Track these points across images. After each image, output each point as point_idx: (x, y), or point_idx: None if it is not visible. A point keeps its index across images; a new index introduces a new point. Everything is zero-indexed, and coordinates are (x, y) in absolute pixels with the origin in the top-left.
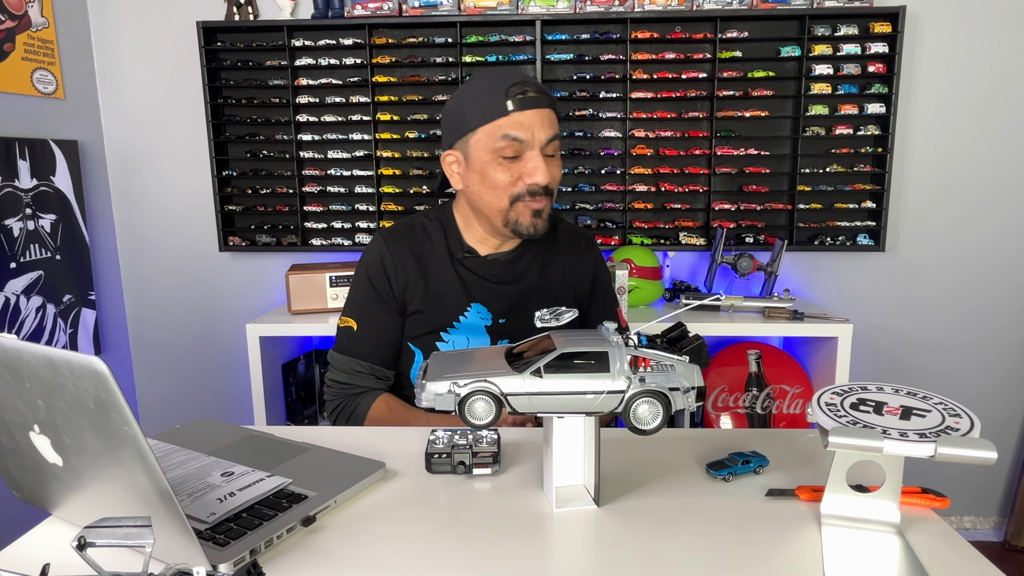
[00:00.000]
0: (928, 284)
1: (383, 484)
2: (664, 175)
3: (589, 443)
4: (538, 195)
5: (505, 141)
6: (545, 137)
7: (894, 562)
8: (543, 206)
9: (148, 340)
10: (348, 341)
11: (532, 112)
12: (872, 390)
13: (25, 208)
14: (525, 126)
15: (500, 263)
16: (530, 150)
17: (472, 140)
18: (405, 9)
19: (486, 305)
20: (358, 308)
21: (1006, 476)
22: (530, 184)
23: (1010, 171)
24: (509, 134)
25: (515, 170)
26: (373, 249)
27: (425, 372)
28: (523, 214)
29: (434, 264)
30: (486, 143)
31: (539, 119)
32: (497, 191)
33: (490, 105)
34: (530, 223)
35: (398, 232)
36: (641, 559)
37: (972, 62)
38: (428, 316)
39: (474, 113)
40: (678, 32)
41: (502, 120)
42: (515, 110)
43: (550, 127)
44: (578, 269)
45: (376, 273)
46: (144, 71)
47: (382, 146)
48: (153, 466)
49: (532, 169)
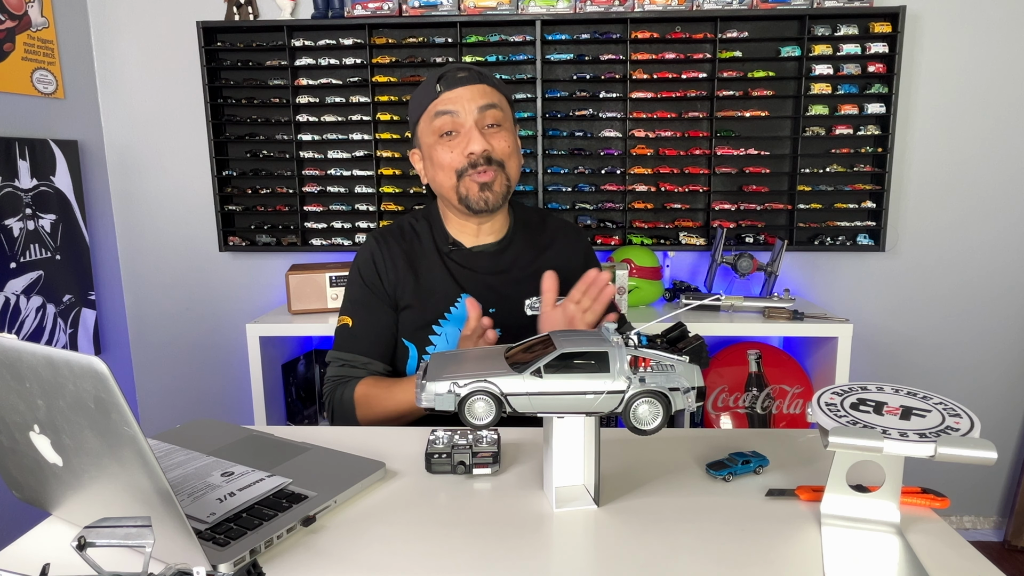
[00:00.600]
0: (928, 284)
1: (383, 484)
2: (664, 175)
3: (589, 443)
4: (480, 166)
5: (440, 119)
6: (476, 107)
7: (894, 562)
8: (490, 178)
9: (148, 340)
10: (345, 339)
11: (461, 89)
12: (872, 390)
13: (25, 208)
14: (454, 100)
15: (487, 254)
16: (465, 123)
17: (419, 130)
18: (405, 9)
19: (476, 296)
20: (352, 305)
21: (1006, 476)
22: (468, 154)
23: (1010, 171)
24: (440, 109)
25: (455, 146)
26: (364, 249)
27: (425, 372)
28: (471, 188)
29: (423, 260)
30: (426, 127)
31: (469, 93)
32: (444, 170)
33: (425, 94)
34: (478, 196)
35: (387, 232)
36: (641, 559)
37: (972, 62)
38: (419, 310)
39: (415, 106)
40: (678, 32)
41: (435, 101)
42: (444, 90)
43: (482, 97)
44: (568, 256)
45: (367, 270)
46: (144, 71)
47: (382, 146)
48: (153, 466)
49: (466, 140)
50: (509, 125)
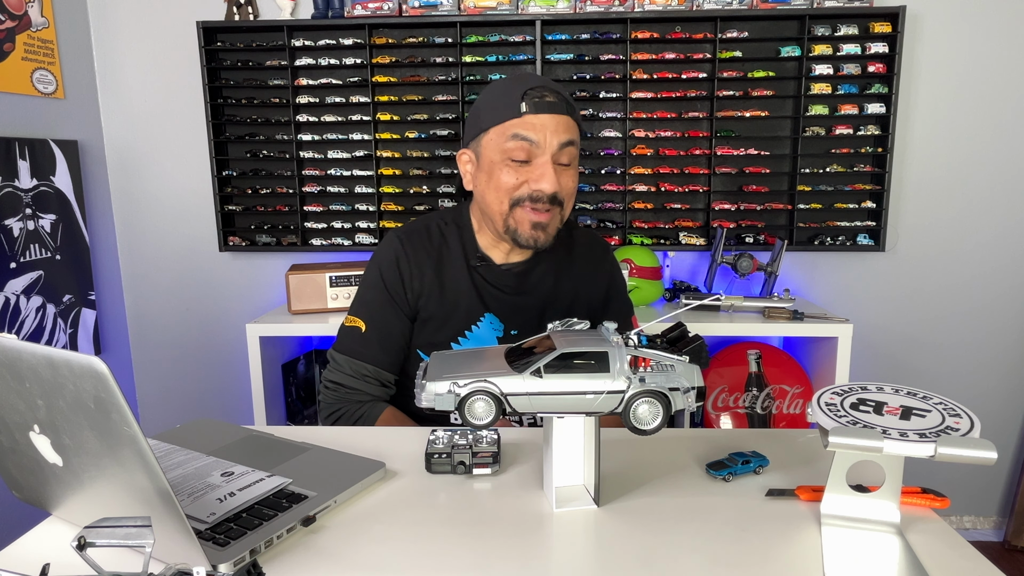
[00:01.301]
0: (928, 284)
1: (383, 484)
2: (664, 175)
3: (589, 443)
4: (541, 202)
5: (515, 142)
6: (558, 142)
7: (894, 562)
8: (547, 219)
9: (148, 340)
10: (354, 342)
11: (547, 116)
12: (872, 390)
13: (25, 208)
14: (537, 128)
15: (514, 273)
16: (541, 155)
17: (484, 140)
18: (405, 9)
19: (499, 316)
20: (368, 309)
21: (1006, 476)
22: (534, 189)
23: (1010, 171)
24: (519, 133)
25: (522, 174)
26: (388, 249)
27: (425, 372)
28: (522, 223)
29: (450, 270)
30: (497, 143)
31: (553, 123)
32: (499, 192)
33: (505, 105)
34: (530, 235)
35: (414, 233)
36: (641, 559)
37: (972, 62)
38: (440, 324)
39: (489, 113)
40: (678, 32)
41: (514, 120)
42: (528, 112)
43: (564, 133)
44: (592, 282)
45: (390, 275)
46: (144, 71)
47: (382, 146)
48: (153, 466)
49: (539, 175)
50: (576, 164)
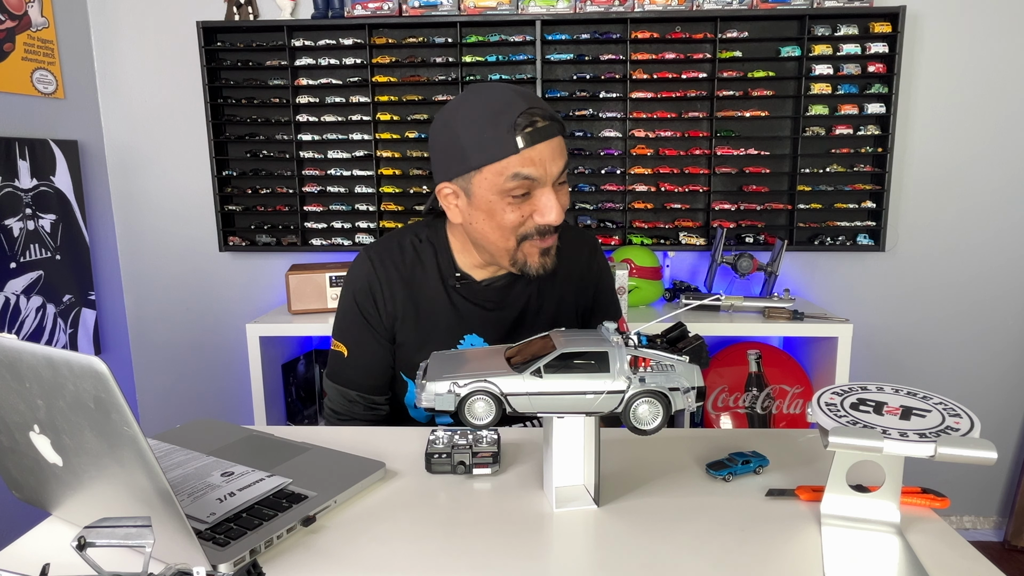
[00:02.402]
0: (928, 284)
1: (383, 484)
2: (664, 175)
3: (589, 443)
4: (548, 234)
5: (516, 181)
6: (557, 170)
7: (894, 562)
8: (552, 243)
9: (148, 340)
10: (339, 368)
11: (543, 146)
12: (872, 390)
13: (25, 208)
14: (537, 163)
15: (495, 288)
16: (542, 187)
17: (476, 179)
18: (405, 9)
19: (481, 335)
20: (347, 335)
21: (1006, 476)
22: (541, 224)
23: (1010, 171)
24: (520, 173)
25: (525, 209)
26: (359, 272)
27: (425, 372)
28: (531, 255)
29: (425, 291)
30: (493, 183)
31: (550, 152)
32: (504, 231)
33: (497, 141)
34: (539, 264)
35: (385, 252)
36: (641, 559)
37: (972, 62)
38: (418, 347)
39: (479, 152)
40: (678, 32)
41: (512, 158)
42: (526, 146)
43: (561, 157)
44: (579, 286)
45: (364, 300)
46: (144, 71)
47: (382, 146)
48: (153, 466)
49: (545, 209)
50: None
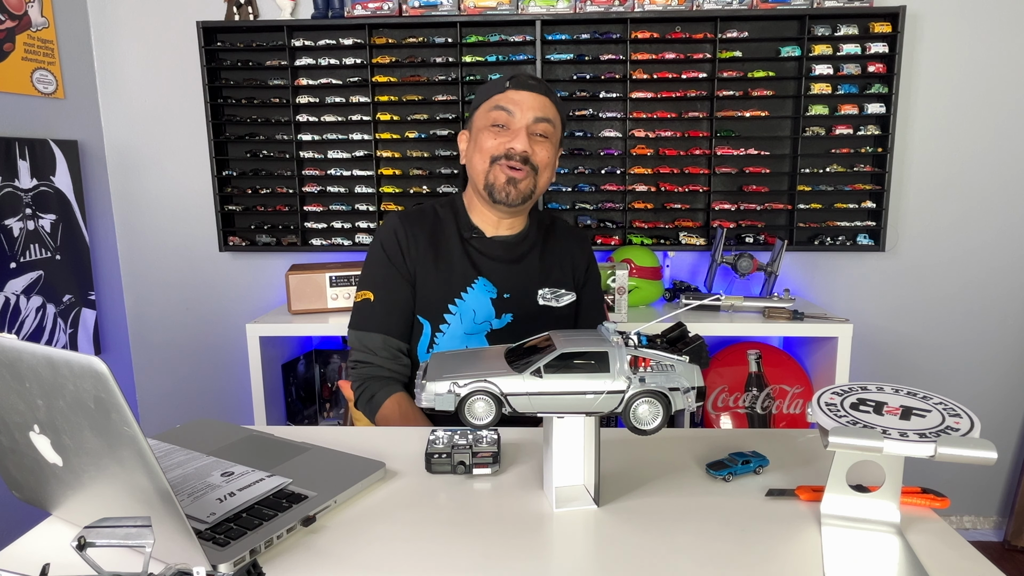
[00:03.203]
0: (928, 284)
1: (383, 484)
2: (664, 175)
3: (589, 443)
4: (514, 160)
5: (496, 111)
6: (532, 116)
7: (894, 562)
8: (519, 176)
9: (148, 340)
10: (363, 315)
11: (525, 93)
12: (872, 390)
13: (25, 208)
14: (515, 101)
15: (504, 244)
16: (517, 124)
17: (475, 116)
18: (405, 9)
19: (491, 280)
20: (373, 279)
21: (1006, 476)
22: (508, 148)
23: (1010, 171)
24: (500, 105)
25: (501, 137)
26: (387, 225)
27: (425, 372)
28: (499, 177)
29: (444, 241)
30: (483, 115)
31: (530, 99)
32: (482, 154)
33: (494, 85)
34: (503, 187)
35: (412, 212)
36: (641, 559)
37: (972, 62)
38: (436, 288)
39: (481, 92)
40: (678, 32)
41: (498, 96)
42: (511, 88)
43: (541, 109)
44: (574, 256)
45: (390, 245)
46: (144, 71)
47: (382, 146)
48: (153, 466)
49: (512, 136)
50: (555, 141)
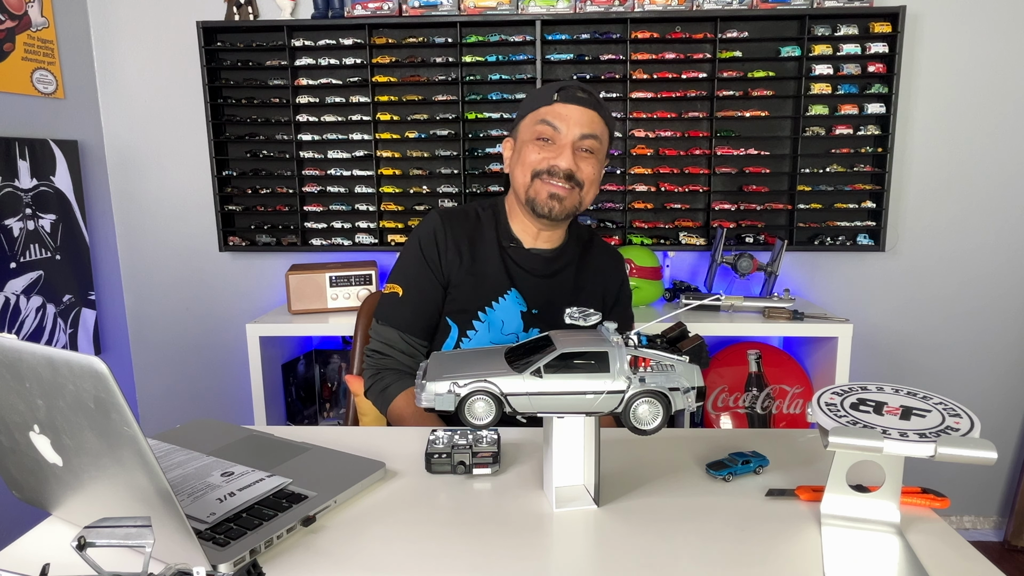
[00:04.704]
0: (928, 284)
1: (383, 484)
2: (664, 175)
3: (589, 443)
4: (558, 177)
5: (542, 125)
6: (579, 132)
7: (894, 562)
8: (562, 192)
9: (148, 340)
10: (390, 307)
11: (573, 107)
12: (872, 390)
13: (25, 208)
14: (562, 116)
15: (541, 258)
16: (563, 139)
17: (521, 125)
18: (405, 9)
19: (523, 293)
20: (405, 274)
21: (1006, 476)
22: (552, 164)
23: (1010, 171)
24: (546, 119)
25: (546, 153)
26: (428, 222)
27: (425, 372)
28: (540, 192)
29: (482, 247)
30: (528, 127)
31: (578, 114)
32: (525, 167)
33: (541, 96)
34: (545, 202)
35: (454, 213)
36: (641, 559)
37: (972, 62)
38: (469, 292)
39: (528, 104)
40: (678, 32)
41: (545, 107)
42: (558, 101)
43: (587, 126)
44: (608, 277)
45: (428, 243)
46: (144, 71)
47: (382, 146)
48: (153, 466)
49: (557, 154)
50: (601, 157)
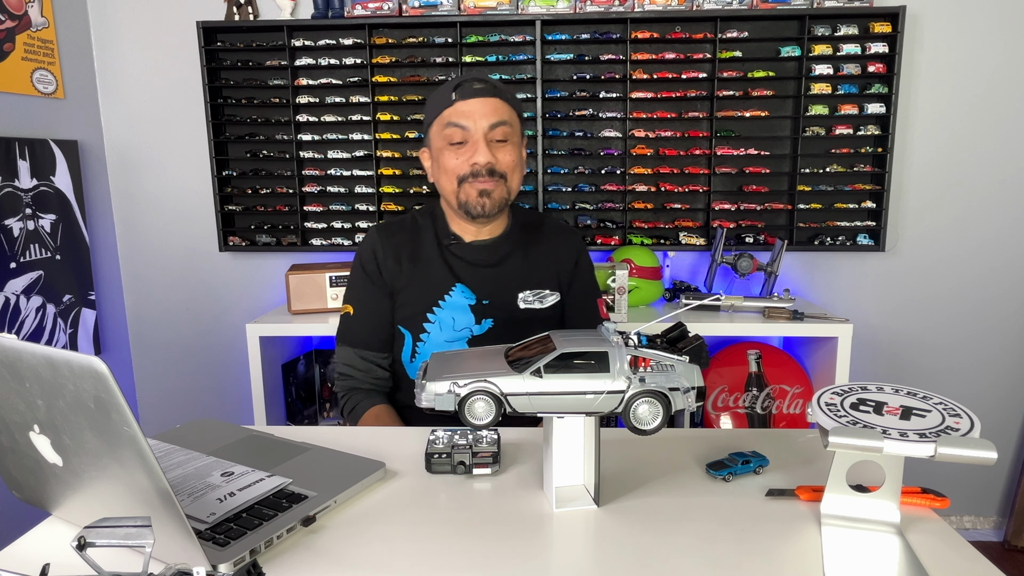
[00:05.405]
0: (928, 284)
1: (383, 484)
2: (664, 175)
3: (589, 443)
4: (481, 176)
5: (451, 128)
6: (487, 123)
7: (894, 562)
8: (490, 187)
9: (148, 340)
10: (345, 328)
11: (474, 101)
12: (872, 390)
13: (25, 208)
14: (466, 114)
15: (483, 247)
16: (473, 136)
17: (430, 133)
18: (405, 9)
19: (469, 286)
20: (353, 294)
21: (1006, 476)
22: (472, 165)
23: (1010, 171)
24: (452, 121)
25: (462, 154)
26: (366, 240)
27: (425, 372)
28: (470, 194)
29: (423, 250)
30: (437, 133)
31: (481, 107)
32: (448, 174)
33: (440, 99)
34: (476, 202)
35: (391, 224)
36: (641, 559)
37: (972, 62)
38: (415, 295)
39: (430, 110)
40: (678, 32)
41: (447, 110)
42: (458, 100)
43: (493, 114)
44: (560, 253)
45: (368, 259)
46: (144, 71)
47: (382, 146)
48: (153, 466)
49: (472, 150)
50: (516, 140)
